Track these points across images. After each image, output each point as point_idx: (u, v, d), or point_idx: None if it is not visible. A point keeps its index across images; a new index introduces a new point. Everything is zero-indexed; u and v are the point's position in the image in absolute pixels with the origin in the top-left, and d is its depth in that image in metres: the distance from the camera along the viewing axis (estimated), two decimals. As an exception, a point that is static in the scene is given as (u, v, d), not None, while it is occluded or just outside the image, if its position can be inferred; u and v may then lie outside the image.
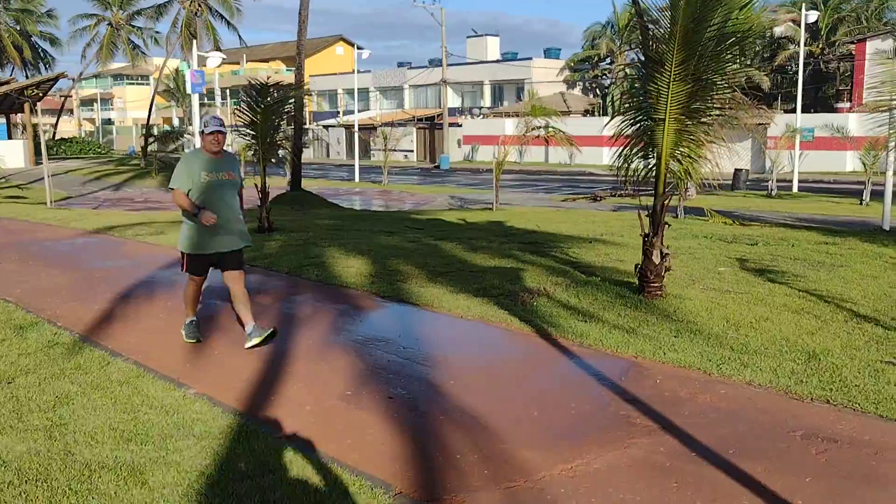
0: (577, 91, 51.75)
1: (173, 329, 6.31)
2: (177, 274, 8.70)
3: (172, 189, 5.65)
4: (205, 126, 5.64)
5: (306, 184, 28.18)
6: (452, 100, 51.63)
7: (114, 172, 31.39)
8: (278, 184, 24.09)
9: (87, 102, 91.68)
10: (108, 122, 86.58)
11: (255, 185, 11.62)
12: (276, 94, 11.08)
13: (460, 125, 47.45)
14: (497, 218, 14.89)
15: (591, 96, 52.33)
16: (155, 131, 49.73)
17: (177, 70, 57.35)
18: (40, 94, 35.48)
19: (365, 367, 5.40)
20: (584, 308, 6.93)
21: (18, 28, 62.84)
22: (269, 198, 11.86)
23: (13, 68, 62.56)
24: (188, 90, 18.19)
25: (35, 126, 56.27)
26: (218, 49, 45.36)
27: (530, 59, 50.17)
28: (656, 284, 7.20)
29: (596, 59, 51.11)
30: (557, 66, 50.69)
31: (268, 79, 11.08)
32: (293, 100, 14.68)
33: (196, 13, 43.16)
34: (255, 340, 5.66)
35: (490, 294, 7.49)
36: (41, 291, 7.76)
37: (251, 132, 11.21)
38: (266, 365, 5.47)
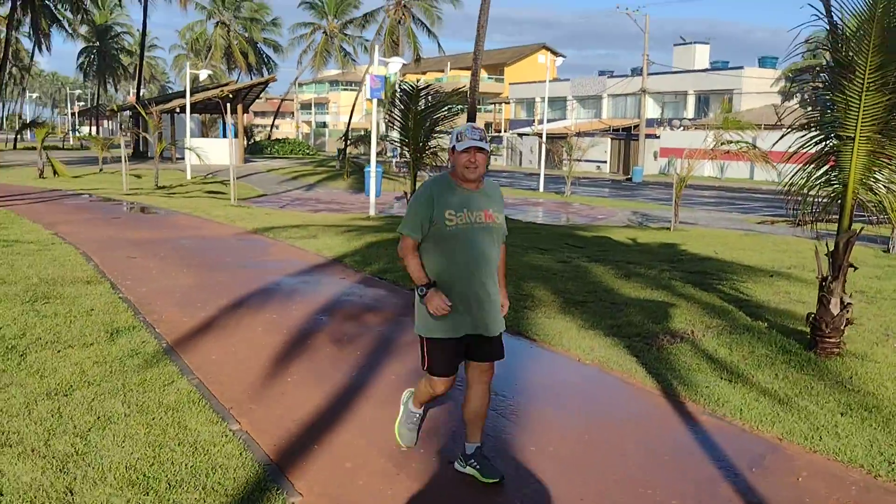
0: (793, 103, 47.38)
1: (261, 347, 5.88)
2: (303, 282, 8.45)
3: (401, 235, 3.67)
4: (457, 139, 3.58)
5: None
6: (652, 110, 49.27)
7: (311, 173, 32.87)
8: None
9: (307, 106, 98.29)
10: (323, 125, 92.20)
11: (405, 193, 11.21)
12: (429, 99, 10.57)
13: (658, 137, 45.07)
14: (672, 239, 13.44)
15: (810, 109, 47.69)
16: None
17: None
18: (252, 97, 38.10)
19: (438, 417, 4.59)
20: (733, 363, 5.66)
21: (246, 35, 68.47)
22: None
23: (239, 72, 68.29)
24: (367, 95, 18.31)
25: (246, 127, 60.63)
26: (418, 57, 46.55)
27: (741, 68, 46.61)
28: (832, 340, 5.76)
29: (817, 69, 46.50)
30: (772, 77, 46.67)
31: (417, 82, 10.61)
32: (457, 105, 14.17)
33: (399, 21, 44.47)
34: (465, 469, 3.85)
35: (624, 333, 6.40)
36: (161, 292, 7.71)
37: (403, 137, 10.82)
38: (326, 401, 4.83)
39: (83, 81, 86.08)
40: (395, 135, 11.11)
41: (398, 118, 10.72)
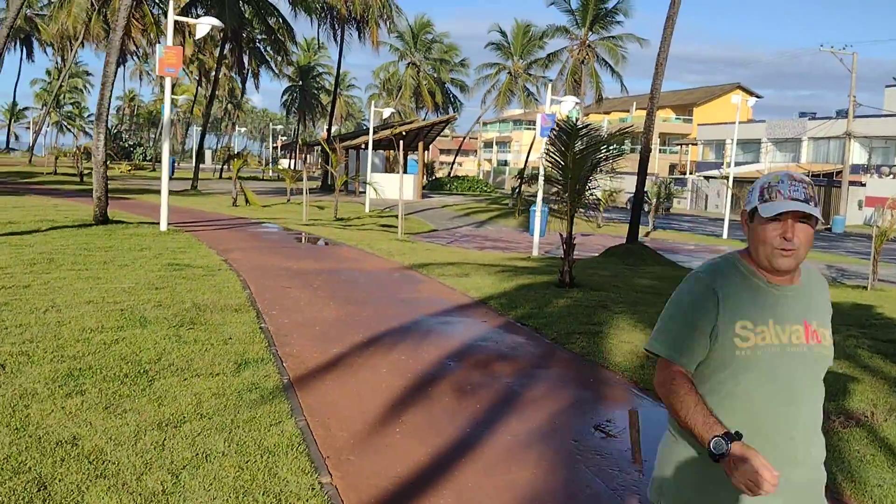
0: None
1: (380, 390, 5.64)
2: (441, 323, 8.20)
3: (649, 352, 2.24)
4: (761, 196, 2.16)
5: (660, 235, 26.54)
6: (858, 156, 45.19)
7: (483, 210, 33.06)
8: (619, 232, 23.02)
9: (490, 144, 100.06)
10: (504, 163, 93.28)
11: (560, 235, 10.72)
12: (587, 139, 10.05)
13: (863, 184, 41.19)
14: (867, 300, 11.88)
15: None
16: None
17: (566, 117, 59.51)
18: (433, 135, 39.12)
19: (555, 487, 4.07)
20: (922, 461, 4.65)
21: (435, 75, 70.96)
22: (606, 249, 10.80)
23: (426, 111, 70.79)
24: (539, 134, 18.03)
25: (427, 163, 62.36)
26: (600, 97, 45.81)
27: (967, 110, 41.71)
28: None
29: None
30: None
31: (576, 121, 10.13)
32: (623, 145, 13.47)
33: (583, 61, 44.06)
34: None
35: (788, 410, 5.50)
36: (302, 324, 7.74)
37: (559, 178, 10.36)
38: (429, 459, 4.45)
39: (286, 117, 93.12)
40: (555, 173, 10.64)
41: (556, 156, 10.28)
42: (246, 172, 58.61)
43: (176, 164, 56.59)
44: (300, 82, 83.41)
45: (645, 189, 17.95)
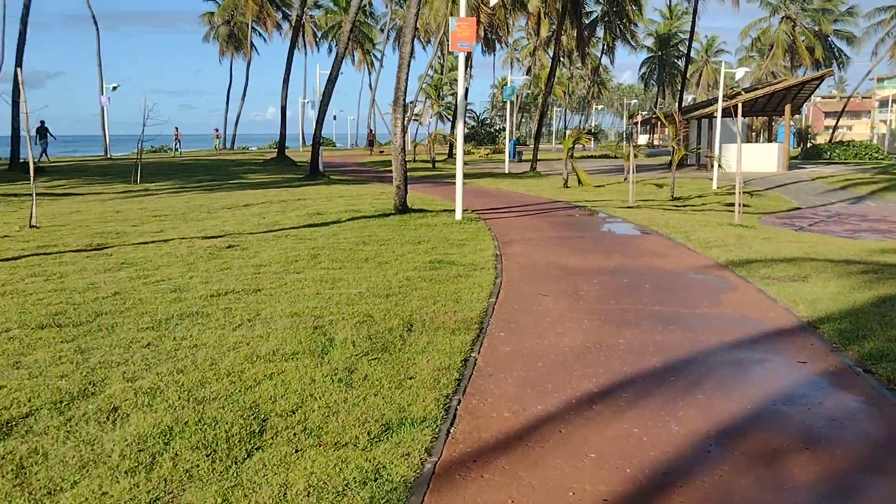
0: None
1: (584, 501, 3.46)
2: (726, 362, 5.47)
3: None
4: None
5: None
6: None
7: (865, 182, 27.09)
8: None
9: (886, 104, 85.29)
10: (906, 124, 78.62)
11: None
12: None
13: None
14: None
15: None
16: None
17: None
18: (804, 96, 33.39)
19: None
20: None
21: (815, 28, 61.95)
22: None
23: (804, 70, 62.16)
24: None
25: (802, 129, 54.76)
26: None
27: None
28: None
29: None
30: None
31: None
32: None
33: None
34: None
35: None
36: (525, 355, 5.71)
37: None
38: None
39: (644, 90, 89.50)
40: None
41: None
42: (589, 151, 57.02)
43: (518, 146, 56.96)
44: (660, 52, 79.37)
45: None
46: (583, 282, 8.47)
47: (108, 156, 44.74)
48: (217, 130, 54.66)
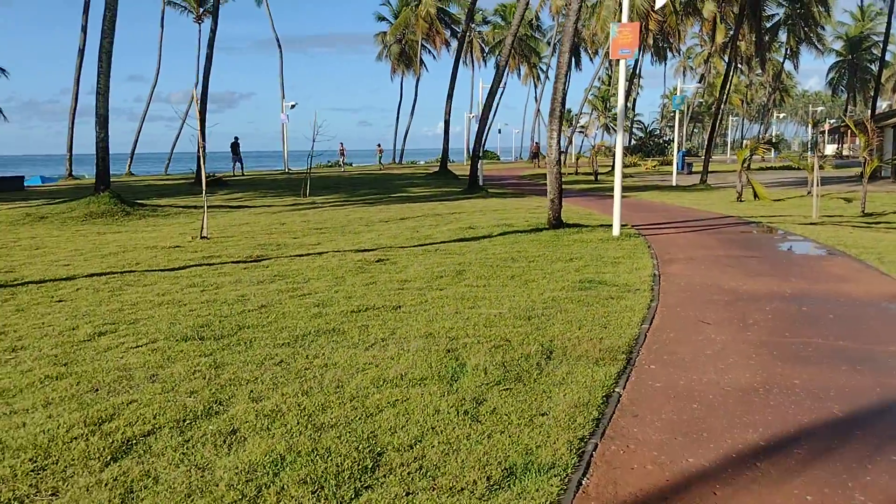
0: None
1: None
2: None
3: None
4: None
5: None
6: None
7: None
8: None
9: None
10: None
11: None
12: None
13: None
14: None
15: None
16: None
17: None
18: None
19: None
20: None
21: None
22: None
23: None
24: None
25: None
26: None
27: None
28: None
29: None
30: None
31: None
32: None
33: None
34: None
35: None
36: (675, 395, 5.03)
37: None
38: None
39: (831, 97, 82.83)
40: None
41: None
42: (768, 161, 53.25)
43: (688, 158, 54.07)
44: (850, 56, 73.23)
45: None
46: (753, 309, 7.56)
47: (287, 170, 47.27)
48: (379, 146, 56.38)
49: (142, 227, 16.12)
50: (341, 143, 50.36)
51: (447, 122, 39.11)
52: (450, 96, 38.56)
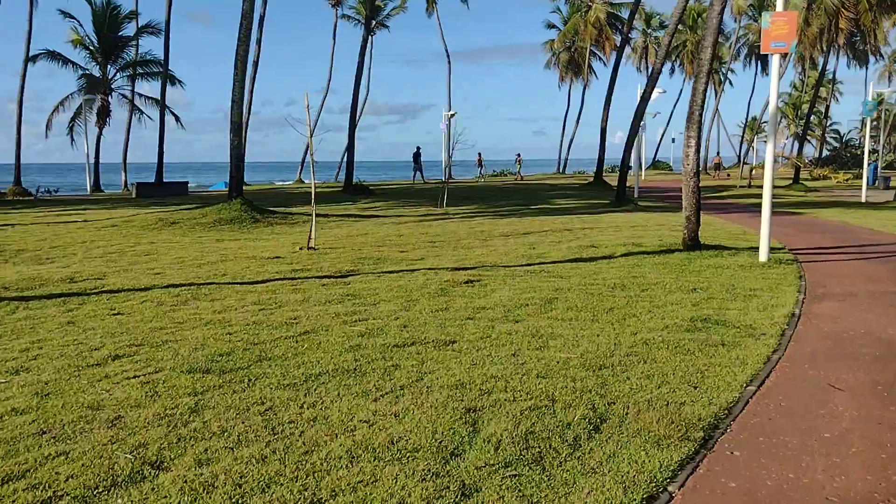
0: None
1: None
2: None
3: None
4: None
5: None
6: None
7: None
8: None
9: None
10: None
11: None
12: None
13: None
14: None
15: None
16: None
17: None
18: None
19: None
20: None
21: None
22: None
23: None
24: None
25: None
26: None
27: None
28: None
29: None
30: None
31: None
32: None
33: None
34: None
35: None
36: (764, 498, 3.50)
37: None
38: None
39: None
40: None
41: None
42: None
43: (887, 171, 48.14)
44: None
45: None
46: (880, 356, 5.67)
47: (446, 179, 47.29)
48: (519, 155, 55.18)
49: (263, 235, 15.98)
50: (479, 154, 50.41)
51: (603, 130, 37.23)
52: (607, 103, 36.70)
